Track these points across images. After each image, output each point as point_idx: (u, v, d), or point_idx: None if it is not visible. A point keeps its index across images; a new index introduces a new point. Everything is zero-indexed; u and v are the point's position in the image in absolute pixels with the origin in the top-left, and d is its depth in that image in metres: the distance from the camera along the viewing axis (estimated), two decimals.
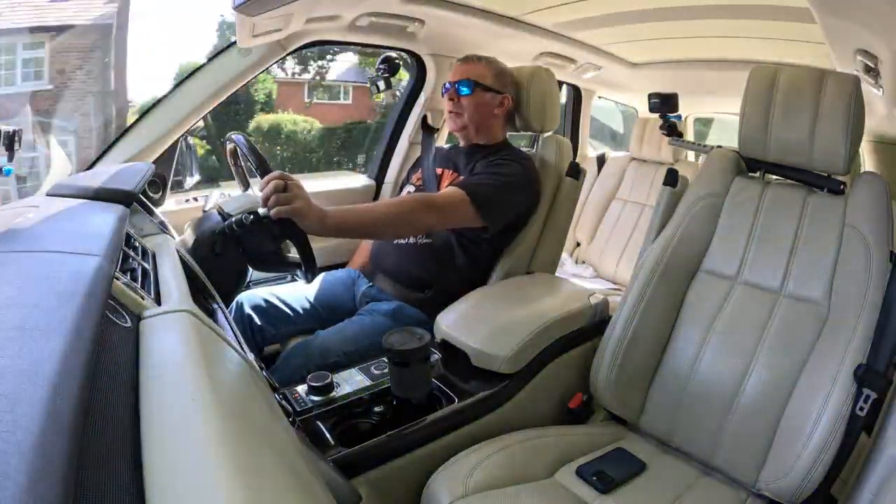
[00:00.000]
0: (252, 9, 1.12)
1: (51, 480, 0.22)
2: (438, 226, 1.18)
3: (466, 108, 1.33)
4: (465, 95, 1.32)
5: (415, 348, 0.88)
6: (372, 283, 1.38)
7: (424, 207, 1.14)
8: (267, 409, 0.59)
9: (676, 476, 0.94)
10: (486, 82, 1.33)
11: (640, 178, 2.50)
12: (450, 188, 1.21)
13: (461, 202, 1.17)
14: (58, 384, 0.28)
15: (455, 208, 1.17)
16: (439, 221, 1.17)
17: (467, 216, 1.19)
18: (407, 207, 1.12)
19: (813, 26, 1.14)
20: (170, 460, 0.33)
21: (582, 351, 1.13)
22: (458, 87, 1.32)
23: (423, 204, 1.15)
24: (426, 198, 1.17)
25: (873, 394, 0.80)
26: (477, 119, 1.34)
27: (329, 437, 0.86)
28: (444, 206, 1.16)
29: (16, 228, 0.57)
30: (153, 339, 0.48)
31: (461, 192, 1.18)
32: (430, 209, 1.14)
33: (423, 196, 1.19)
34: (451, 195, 1.18)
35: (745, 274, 1.02)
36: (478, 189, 1.20)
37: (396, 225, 1.12)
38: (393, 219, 1.10)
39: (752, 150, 1.04)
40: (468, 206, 1.18)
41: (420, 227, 1.17)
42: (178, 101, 1.37)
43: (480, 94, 1.33)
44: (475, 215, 1.19)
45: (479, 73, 1.33)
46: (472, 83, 1.32)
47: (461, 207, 1.17)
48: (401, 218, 1.11)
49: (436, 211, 1.15)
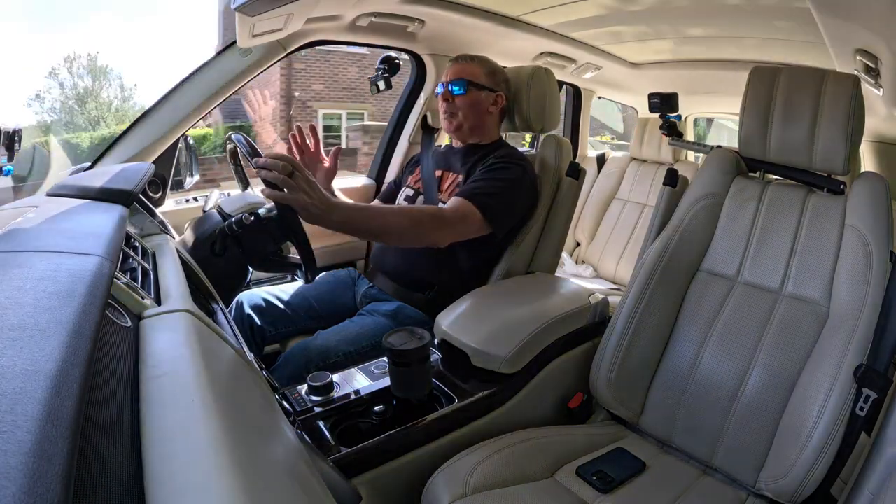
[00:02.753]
0: (252, 9, 1.12)
1: (51, 480, 0.22)
2: (447, 241, 1.17)
3: (461, 107, 1.33)
4: (459, 95, 1.33)
5: (415, 348, 0.88)
6: (372, 283, 1.38)
7: (436, 224, 1.13)
8: (267, 409, 0.59)
9: (676, 476, 0.94)
10: (479, 81, 1.33)
11: (640, 178, 2.50)
12: (457, 200, 1.19)
13: (471, 216, 1.18)
14: (58, 384, 0.28)
15: (465, 222, 1.17)
16: (449, 237, 1.17)
17: (476, 226, 1.20)
18: (417, 221, 1.11)
19: (813, 26, 1.15)
20: (170, 460, 0.33)
21: (582, 351, 1.13)
22: (451, 87, 1.33)
23: (435, 220, 1.14)
24: (437, 213, 1.16)
25: (873, 394, 0.80)
26: (472, 118, 1.34)
27: (329, 437, 0.86)
28: (454, 222, 1.16)
29: (16, 228, 0.57)
30: (153, 339, 0.48)
31: (470, 204, 1.18)
32: (442, 226, 1.14)
33: (434, 212, 1.17)
34: (461, 210, 1.17)
35: (745, 274, 1.02)
36: (485, 199, 1.20)
37: (404, 238, 1.11)
38: (402, 231, 1.08)
39: (752, 150, 1.04)
40: (478, 219, 1.18)
41: (428, 242, 1.15)
42: (178, 101, 1.37)
43: (474, 93, 1.33)
44: (483, 224, 1.20)
45: (472, 72, 1.33)
46: (465, 82, 1.32)
47: (471, 221, 1.18)
48: (410, 232, 1.09)
49: (447, 227, 1.15)
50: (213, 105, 1.39)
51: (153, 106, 1.38)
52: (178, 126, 1.36)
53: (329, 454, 0.82)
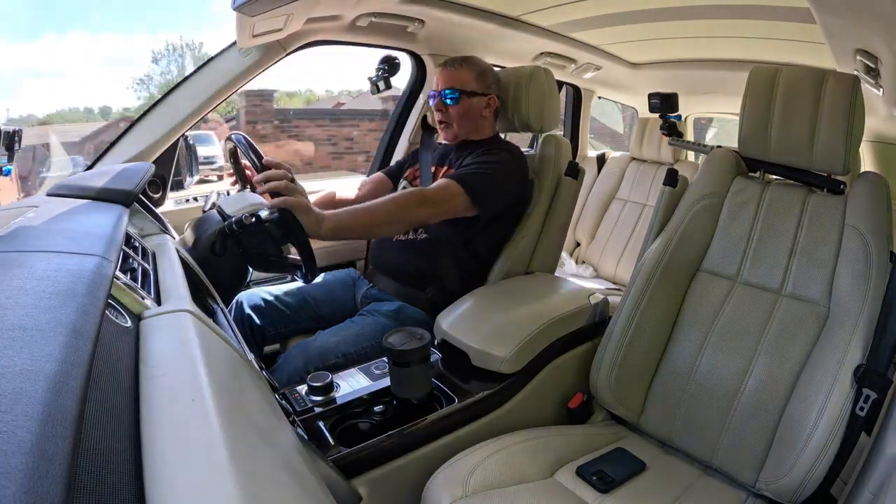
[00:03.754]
0: (252, 9, 1.12)
1: (51, 480, 0.22)
2: (433, 218, 1.19)
3: (455, 117, 1.36)
4: (452, 105, 1.34)
5: (415, 348, 0.88)
6: (372, 284, 1.38)
7: (419, 202, 1.15)
8: (267, 410, 0.59)
9: (676, 476, 0.94)
10: (470, 88, 1.35)
11: (640, 178, 2.50)
12: (442, 180, 1.23)
13: (454, 192, 1.19)
14: (58, 384, 0.28)
15: (448, 199, 1.19)
16: (434, 214, 1.18)
17: (461, 205, 1.21)
18: (401, 204, 1.13)
19: (813, 26, 1.14)
20: (170, 460, 0.33)
21: (582, 351, 1.13)
22: (444, 97, 1.34)
23: (417, 199, 1.16)
24: (419, 192, 1.18)
25: (873, 394, 0.80)
26: (467, 125, 1.37)
27: (329, 437, 0.86)
28: (437, 199, 1.17)
29: (16, 228, 0.57)
30: (153, 339, 0.48)
31: (453, 182, 1.20)
32: (424, 203, 1.15)
33: (417, 191, 1.20)
34: (444, 187, 1.20)
35: (745, 274, 1.02)
36: (468, 178, 1.22)
37: (392, 222, 1.13)
38: (389, 217, 1.10)
39: (752, 149, 1.04)
40: (461, 196, 1.20)
41: (416, 221, 1.18)
42: (178, 102, 1.37)
43: (466, 101, 1.35)
44: (469, 204, 1.21)
45: (463, 79, 1.34)
46: (457, 92, 1.33)
47: (454, 198, 1.19)
48: (396, 215, 1.11)
49: (430, 204, 1.16)
50: (212, 105, 1.39)
51: (153, 106, 1.38)
52: (178, 126, 1.36)
53: (329, 454, 0.82)
